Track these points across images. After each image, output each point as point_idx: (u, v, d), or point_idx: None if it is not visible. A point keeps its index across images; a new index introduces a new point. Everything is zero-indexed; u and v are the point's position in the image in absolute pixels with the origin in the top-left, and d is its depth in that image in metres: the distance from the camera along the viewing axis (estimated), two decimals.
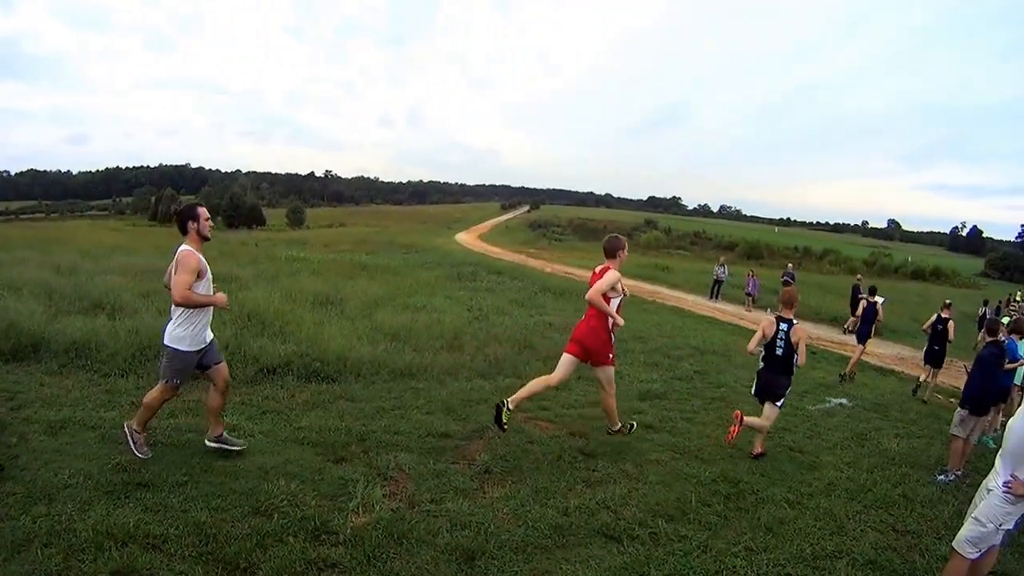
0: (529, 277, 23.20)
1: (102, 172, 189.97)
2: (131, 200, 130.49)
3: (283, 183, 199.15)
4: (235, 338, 8.36)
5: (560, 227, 79.00)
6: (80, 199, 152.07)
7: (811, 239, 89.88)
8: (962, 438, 7.10)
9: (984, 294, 40.74)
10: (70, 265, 15.32)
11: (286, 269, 19.00)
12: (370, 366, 8.29)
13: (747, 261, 53.97)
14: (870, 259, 69.48)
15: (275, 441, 5.59)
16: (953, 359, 12.78)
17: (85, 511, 3.94)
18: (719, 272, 26.17)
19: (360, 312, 11.71)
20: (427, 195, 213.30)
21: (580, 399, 8.10)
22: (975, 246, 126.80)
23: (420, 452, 5.67)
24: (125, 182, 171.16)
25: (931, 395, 11.53)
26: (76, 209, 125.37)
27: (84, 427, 5.52)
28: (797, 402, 9.37)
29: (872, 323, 13.68)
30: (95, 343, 7.83)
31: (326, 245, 36.72)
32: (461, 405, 7.27)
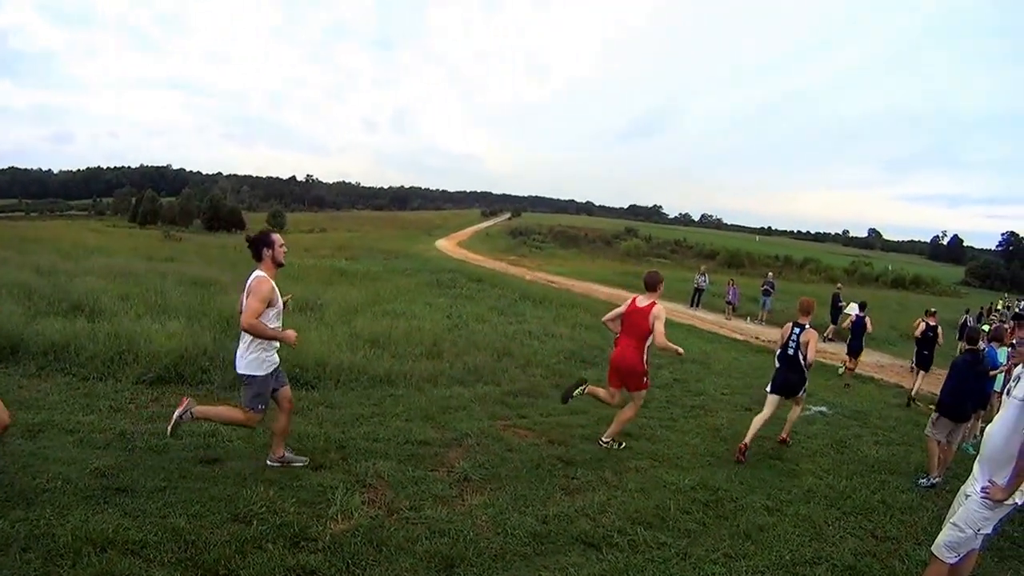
0: (509, 285, 23.26)
1: (83, 172, 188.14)
2: (112, 201, 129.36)
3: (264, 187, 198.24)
4: (214, 343, 8.32)
5: (541, 235, 79.04)
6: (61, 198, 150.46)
7: (792, 248, 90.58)
8: (935, 440, 7.20)
9: (964, 302, 41.23)
10: (50, 266, 15.21)
11: None
12: (349, 373, 8.30)
13: (728, 270, 54.31)
14: (850, 268, 69.99)
15: (254, 447, 5.58)
16: (934, 368, 12.98)
17: (64, 516, 3.91)
18: (699, 281, 26.40)
19: (340, 318, 11.71)
20: (408, 200, 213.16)
21: (559, 407, 8.12)
22: (956, 255, 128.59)
23: (399, 459, 5.68)
24: (106, 182, 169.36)
25: (918, 392, 11.99)
26: (56, 209, 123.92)
27: (62, 431, 5.50)
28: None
29: (862, 336, 14.27)
30: (74, 346, 7.79)
31: (306, 250, 36.55)
32: (440, 412, 7.30)
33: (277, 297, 5.01)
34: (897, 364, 17.74)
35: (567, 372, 10.16)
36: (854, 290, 40.64)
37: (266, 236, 5.11)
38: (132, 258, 20.10)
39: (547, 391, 8.91)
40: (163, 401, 6.73)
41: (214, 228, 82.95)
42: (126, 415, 6.20)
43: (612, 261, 57.20)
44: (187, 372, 7.54)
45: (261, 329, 4.80)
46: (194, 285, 13.89)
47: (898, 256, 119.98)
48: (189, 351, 7.87)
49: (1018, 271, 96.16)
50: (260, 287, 4.82)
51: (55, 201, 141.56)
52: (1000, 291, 70.70)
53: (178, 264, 19.32)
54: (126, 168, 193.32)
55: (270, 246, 5.03)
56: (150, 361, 7.54)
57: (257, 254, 5.03)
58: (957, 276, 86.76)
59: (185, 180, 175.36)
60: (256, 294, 4.78)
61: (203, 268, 18.25)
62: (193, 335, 8.53)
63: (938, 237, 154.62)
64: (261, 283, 4.85)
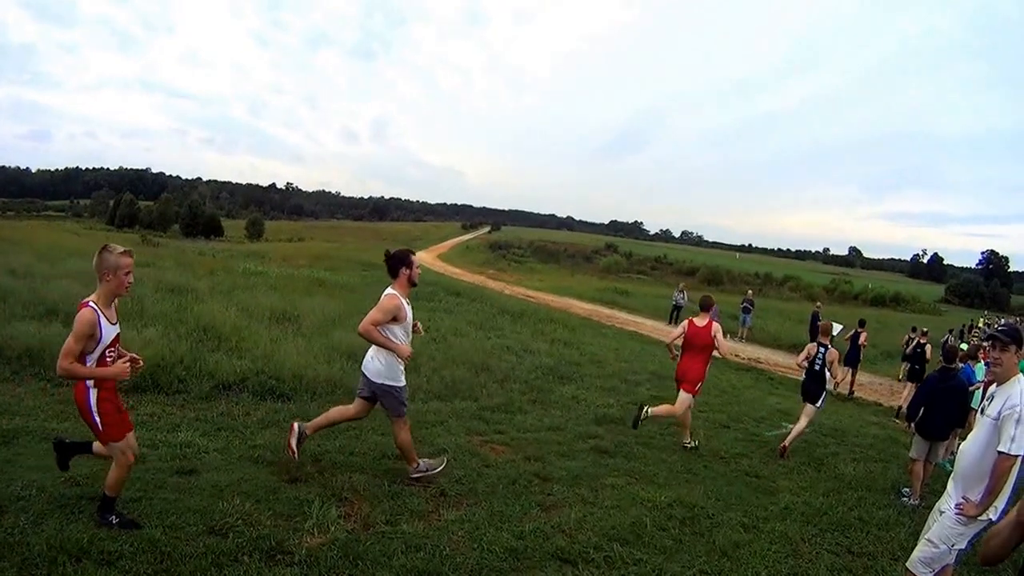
0: (488, 299, 23.30)
1: (61, 172, 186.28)
2: (89, 202, 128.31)
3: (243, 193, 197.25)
4: (190, 352, 8.29)
5: (521, 249, 79.15)
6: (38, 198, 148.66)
7: (772, 265, 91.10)
8: (918, 460, 7.32)
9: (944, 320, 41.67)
10: (25, 268, 15.01)
11: (243, 283, 18.78)
12: (326, 385, 8.28)
13: (707, 287, 54.46)
14: (830, 286, 70.58)
15: (230, 459, 5.56)
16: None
17: (38, 524, 3.89)
18: (678, 298, 26.59)
19: (317, 330, 11.65)
20: (388, 212, 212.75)
21: (536, 423, 8.19)
22: (936, 273, 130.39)
23: (375, 473, 5.68)
24: (84, 183, 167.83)
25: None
26: (33, 208, 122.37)
27: (37, 438, 5.46)
28: (754, 428, 9.60)
29: (858, 349, 15.85)
30: (49, 351, 7.70)
31: (284, 259, 36.33)
32: (417, 427, 7.25)
33: (406, 314, 5.33)
34: (877, 382, 17.95)
35: (545, 388, 10.21)
36: (834, 308, 41.07)
37: (405, 256, 5.46)
38: None
39: (525, 407, 8.95)
40: (139, 410, 6.67)
41: (192, 234, 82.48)
42: None
43: (591, 277, 57.38)
44: (163, 381, 7.47)
45: (376, 336, 5.16)
46: (171, 292, 13.74)
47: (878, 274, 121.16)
48: (166, 359, 7.80)
49: (998, 289, 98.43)
50: (388, 302, 5.20)
51: (32, 201, 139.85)
52: (980, 309, 71.73)
53: (155, 270, 19.06)
54: (104, 170, 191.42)
55: (408, 266, 5.40)
56: None
57: (394, 272, 5.42)
58: (937, 294, 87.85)
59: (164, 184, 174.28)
60: (381, 307, 5.17)
61: (180, 275, 18.04)
62: (170, 343, 8.48)
63: (918, 256, 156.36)
64: (391, 299, 5.23)
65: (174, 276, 17.37)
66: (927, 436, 7.35)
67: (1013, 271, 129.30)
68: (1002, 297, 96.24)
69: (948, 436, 7.89)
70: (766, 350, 21.56)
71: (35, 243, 25.61)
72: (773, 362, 18.30)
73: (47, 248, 23.35)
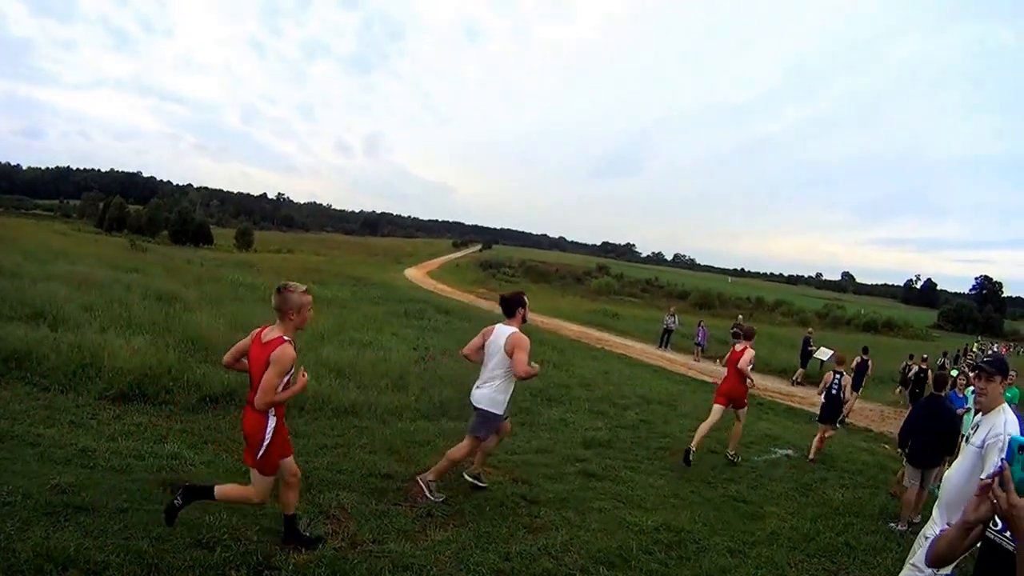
0: (477, 318, 23.19)
1: (52, 170, 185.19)
2: (79, 203, 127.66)
3: (234, 202, 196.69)
4: (178, 363, 8.27)
5: (511, 268, 79.30)
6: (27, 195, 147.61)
7: (764, 290, 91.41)
8: (913, 487, 7.33)
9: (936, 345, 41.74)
10: (12, 266, 14.95)
11: (231, 293, 18.77)
12: (314, 401, 8.25)
13: (698, 311, 54.69)
14: (823, 311, 70.86)
15: (217, 472, 5.54)
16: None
17: (24, 531, 3.86)
18: (668, 321, 26.57)
19: (305, 345, 11.59)
20: (379, 226, 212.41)
21: (523, 446, 8.19)
22: (929, 298, 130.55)
23: (363, 492, 5.67)
24: (74, 183, 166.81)
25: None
26: (22, 206, 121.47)
27: (23, 443, 5.44)
28: (743, 453, 9.59)
29: (864, 375, 16.20)
30: (36, 355, 7.70)
31: (273, 271, 36.20)
32: (404, 446, 7.30)
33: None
34: (868, 408, 17.97)
35: (533, 410, 10.20)
36: (826, 333, 41.10)
37: (522, 298, 6.10)
38: (96, 265, 19.78)
39: (513, 428, 8.92)
40: (125, 419, 6.67)
41: (181, 241, 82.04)
42: (87, 431, 6.14)
43: (582, 298, 57.39)
44: (150, 391, 7.47)
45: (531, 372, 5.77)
46: (158, 300, 13.70)
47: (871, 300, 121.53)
48: (153, 369, 7.80)
49: (991, 314, 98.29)
50: (525, 341, 5.76)
51: (21, 198, 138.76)
52: (973, 335, 71.94)
53: (143, 276, 19.01)
54: (96, 171, 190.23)
55: (523, 306, 6.02)
56: (113, 377, 7.46)
57: (511, 312, 6.00)
58: (930, 320, 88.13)
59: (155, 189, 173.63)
60: (524, 348, 5.69)
61: (168, 282, 18.01)
62: (158, 353, 8.45)
63: (911, 281, 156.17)
64: (523, 337, 5.78)
65: (162, 283, 17.34)
66: (918, 464, 7.38)
67: (1007, 296, 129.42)
68: (995, 322, 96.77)
69: (939, 463, 7.93)
70: (756, 375, 21.57)
71: (22, 241, 25.51)
72: (763, 387, 18.32)
73: (35, 247, 23.27)
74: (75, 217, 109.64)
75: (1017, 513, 1.79)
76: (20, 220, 68.65)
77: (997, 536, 1.97)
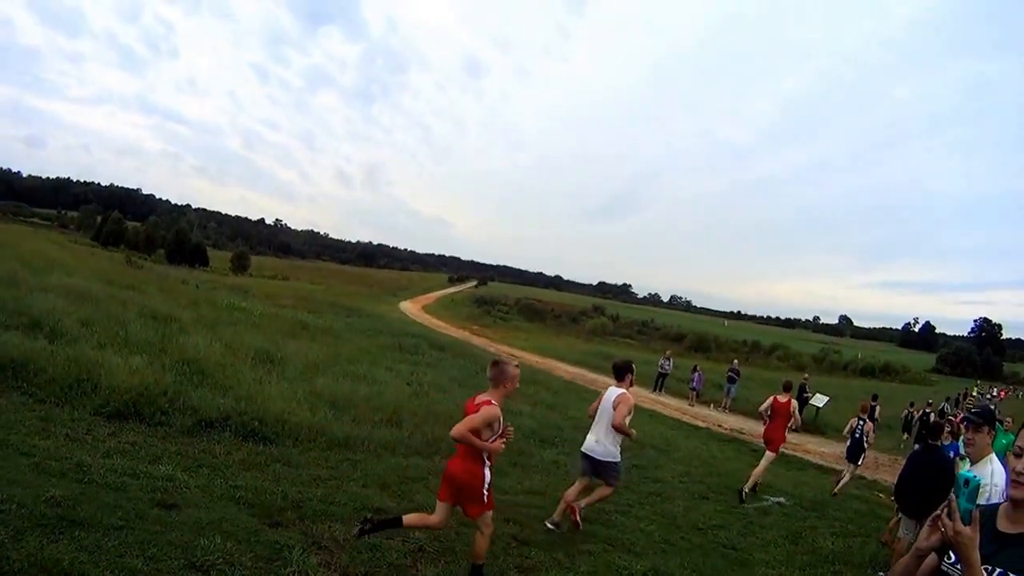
0: (471, 355, 23.24)
1: (52, 180, 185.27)
2: (77, 215, 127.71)
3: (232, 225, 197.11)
4: (174, 385, 8.27)
5: (507, 306, 79.10)
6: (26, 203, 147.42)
7: (761, 333, 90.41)
8: (903, 539, 7.28)
9: (935, 390, 41.54)
10: (9, 274, 14.93)
11: (226, 317, 18.73)
12: (308, 432, 8.23)
13: (694, 354, 54.18)
14: (819, 355, 69.91)
15: (211, 497, 5.53)
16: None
17: (18, 540, 3.84)
18: (664, 365, 26.42)
19: (300, 375, 11.63)
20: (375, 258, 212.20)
21: (516, 486, 8.19)
22: (928, 342, 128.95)
23: (355, 524, 5.64)
24: (74, 195, 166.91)
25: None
26: (20, 213, 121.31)
27: (17, 452, 5.43)
28: (733, 500, 9.58)
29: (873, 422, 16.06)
30: (33, 366, 7.70)
31: (268, 297, 36.21)
32: (397, 481, 7.28)
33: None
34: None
35: (526, 451, 10.17)
36: (822, 378, 41.00)
37: (631, 365, 7.11)
38: (92, 279, 19.73)
39: (505, 468, 8.92)
40: (120, 437, 6.65)
41: (177, 261, 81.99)
42: (83, 446, 6.12)
43: (577, 339, 57.18)
44: (146, 411, 7.44)
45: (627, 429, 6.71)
46: (154, 319, 13.70)
47: (869, 343, 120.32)
48: (150, 390, 7.79)
49: (991, 357, 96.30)
50: (629, 400, 6.75)
51: (20, 205, 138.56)
52: (972, 378, 71.20)
53: (138, 294, 19.00)
54: (95, 184, 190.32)
55: (632, 373, 7.01)
56: (110, 394, 7.45)
57: (621, 376, 6.98)
58: (929, 364, 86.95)
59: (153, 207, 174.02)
60: (628, 405, 6.69)
61: (163, 302, 18.00)
62: (155, 373, 8.45)
63: (910, 324, 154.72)
64: (628, 397, 6.77)
65: (158, 303, 17.33)
66: (913, 515, 7.33)
67: (1006, 338, 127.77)
68: (995, 365, 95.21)
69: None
70: (750, 421, 21.38)
71: (19, 249, 25.46)
72: (756, 433, 18.19)
73: (31, 255, 23.21)
74: (72, 228, 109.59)
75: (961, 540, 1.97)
76: (18, 227, 68.56)
77: (950, 568, 2.12)
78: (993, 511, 2.19)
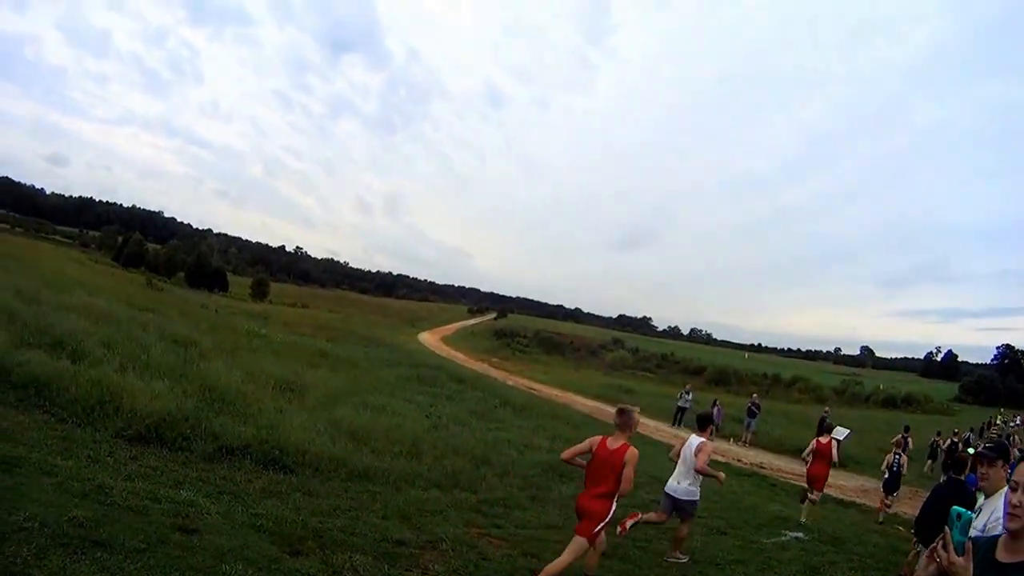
0: (490, 388, 23.11)
1: (75, 199, 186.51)
2: (98, 235, 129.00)
3: (252, 251, 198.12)
4: (195, 412, 8.28)
5: (526, 338, 78.46)
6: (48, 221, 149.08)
7: (781, 366, 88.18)
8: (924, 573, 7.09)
9: (957, 420, 40.72)
10: (32, 292, 15.09)
11: (246, 343, 18.82)
12: (329, 463, 8.22)
13: (714, 388, 53.19)
14: (840, 387, 67.91)
15: (232, 524, 5.49)
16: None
17: (41, 558, 3.83)
18: (684, 399, 26.04)
19: (321, 404, 11.65)
20: (395, 288, 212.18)
21: (534, 520, 8.11)
22: (950, 371, 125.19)
23: (375, 555, 5.60)
24: (96, 215, 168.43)
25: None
26: (43, 230, 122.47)
27: (40, 471, 5.43)
28: (752, 535, 9.42)
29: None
30: (56, 385, 7.75)
31: (287, 324, 36.38)
32: (417, 514, 7.22)
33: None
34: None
35: (544, 485, 10.07)
36: (843, 410, 40.30)
37: (711, 415, 8.61)
38: (113, 300, 19.95)
39: (524, 503, 8.84)
40: (141, 460, 6.66)
41: (197, 284, 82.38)
42: (104, 468, 6.12)
43: (596, 372, 56.47)
44: (168, 436, 7.47)
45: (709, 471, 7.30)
46: (175, 343, 13.79)
47: (891, 374, 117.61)
48: (172, 415, 7.82)
49: (1014, 385, 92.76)
50: (708, 447, 7.39)
51: (42, 222, 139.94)
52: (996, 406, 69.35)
53: (159, 316, 19.16)
54: (117, 205, 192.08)
55: (712, 422, 8.17)
56: (132, 418, 7.49)
57: (703, 427, 7.80)
58: (951, 393, 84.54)
59: (174, 230, 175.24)
60: (707, 452, 7.31)
61: (183, 326, 18.14)
62: (176, 399, 8.48)
63: (932, 353, 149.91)
64: (708, 445, 7.40)
65: (178, 327, 17.45)
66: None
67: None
68: (1019, 393, 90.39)
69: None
70: (769, 455, 21.04)
71: (41, 267, 25.79)
72: (776, 467, 17.95)
73: (53, 275, 23.48)
74: (93, 248, 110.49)
75: (955, 570, 2.12)
76: (39, 243, 69.47)
77: None
78: (994, 542, 2.34)
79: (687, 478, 7.40)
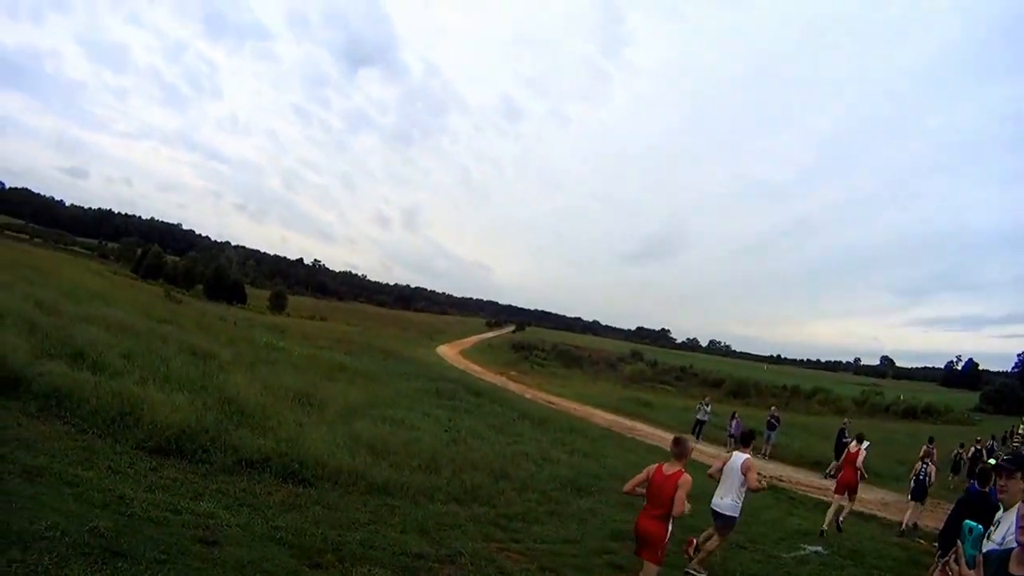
0: (508, 402, 23.00)
1: (94, 211, 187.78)
2: (117, 247, 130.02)
3: (270, 264, 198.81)
4: (215, 424, 8.29)
5: (544, 351, 78.14)
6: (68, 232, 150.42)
7: (801, 377, 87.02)
8: None
9: (978, 429, 40.06)
10: (53, 302, 15.21)
11: (264, 356, 18.85)
12: (348, 476, 8.21)
13: (733, 400, 52.57)
14: (860, 398, 66.89)
15: (252, 536, 5.50)
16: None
17: (62, 567, 3.86)
18: (702, 411, 25.66)
19: (339, 417, 11.62)
20: (413, 301, 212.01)
21: (552, 535, 8.06)
22: (971, 380, 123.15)
23: (394, 569, 5.59)
24: (115, 227, 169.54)
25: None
26: (62, 241, 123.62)
27: (61, 481, 5.47)
28: (771, 549, 9.34)
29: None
30: (77, 396, 7.79)
31: (305, 337, 36.44)
32: (435, 528, 7.20)
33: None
34: (903, 501, 17.28)
35: (563, 499, 10.01)
36: (863, 421, 39.70)
37: (754, 434, 8.74)
38: (132, 312, 20.07)
39: (542, 517, 8.78)
40: (161, 472, 6.67)
41: (215, 297, 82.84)
42: (125, 479, 6.14)
43: (614, 385, 55.93)
44: (188, 448, 7.49)
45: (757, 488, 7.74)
46: (194, 356, 13.83)
47: (911, 384, 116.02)
48: (192, 428, 7.83)
49: None
50: (754, 463, 7.74)
51: (62, 234, 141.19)
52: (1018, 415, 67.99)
53: (177, 329, 19.22)
54: (136, 218, 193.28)
55: (754, 439, 8.60)
56: (152, 429, 7.50)
57: (747, 443, 8.12)
58: (972, 402, 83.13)
59: (193, 242, 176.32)
60: (754, 469, 7.70)
61: (202, 338, 18.18)
62: (196, 411, 8.48)
63: (952, 362, 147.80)
64: (753, 462, 7.74)
65: (197, 339, 17.49)
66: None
67: None
68: None
69: None
70: (789, 468, 20.76)
71: (61, 278, 25.96)
72: (795, 480, 17.70)
73: (72, 286, 23.64)
74: (112, 259, 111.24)
75: None
76: (59, 254, 70.06)
77: None
78: (1007, 556, 2.38)
79: (731, 493, 7.66)
